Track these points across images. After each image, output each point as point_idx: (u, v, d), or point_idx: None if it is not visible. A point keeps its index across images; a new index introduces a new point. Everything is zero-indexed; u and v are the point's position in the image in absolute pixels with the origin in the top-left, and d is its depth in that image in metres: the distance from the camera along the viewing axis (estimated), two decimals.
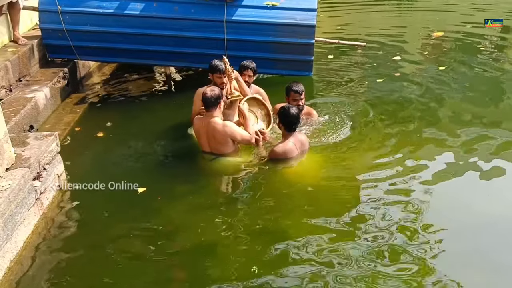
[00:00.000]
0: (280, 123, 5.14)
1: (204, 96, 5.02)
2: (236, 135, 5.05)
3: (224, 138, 5.05)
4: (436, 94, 6.90)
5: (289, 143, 5.06)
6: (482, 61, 8.25)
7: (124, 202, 4.72)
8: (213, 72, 5.54)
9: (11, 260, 3.85)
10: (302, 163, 5.10)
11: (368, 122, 6.01)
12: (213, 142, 5.10)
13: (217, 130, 5.02)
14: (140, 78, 8.04)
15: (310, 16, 6.79)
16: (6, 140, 4.17)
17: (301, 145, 5.14)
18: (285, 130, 5.10)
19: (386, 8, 12.81)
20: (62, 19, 6.79)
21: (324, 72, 7.95)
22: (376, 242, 3.97)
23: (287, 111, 5.05)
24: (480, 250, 3.93)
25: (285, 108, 5.09)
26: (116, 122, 6.34)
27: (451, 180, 4.89)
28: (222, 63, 5.40)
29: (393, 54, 8.78)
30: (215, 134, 5.04)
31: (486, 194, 4.69)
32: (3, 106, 5.52)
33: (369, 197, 4.59)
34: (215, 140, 5.08)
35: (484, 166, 5.06)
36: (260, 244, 4.06)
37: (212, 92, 5.00)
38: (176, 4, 6.80)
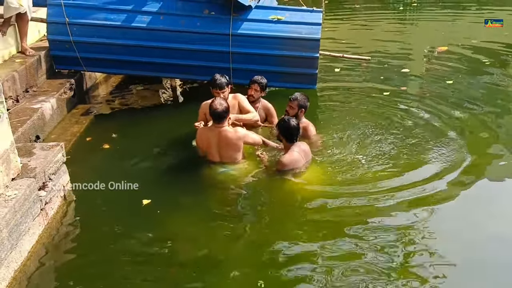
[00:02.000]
0: (280, 135, 5.16)
1: (214, 110, 5.09)
2: (248, 138, 5.20)
3: (237, 145, 5.15)
4: (444, 108, 6.88)
5: (295, 153, 5.08)
6: (488, 75, 8.26)
7: (129, 214, 4.74)
8: (212, 87, 5.60)
9: (16, 269, 3.87)
10: (307, 174, 5.11)
11: (372, 136, 6.00)
12: (225, 151, 5.16)
13: (230, 138, 5.12)
14: (145, 90, 8.08)
15: (315, 30, 6.85)
16: (12, 150, 4.21)
17: (305, 155, 5.17)
18: (287, 141, 5.13)
19: (390, 22, 12.90)
20: (70, 31, 6.86)
21: (330, 85, 7.99)
22: (382, 258, 3.96)
23: (287, 123, 5.09)
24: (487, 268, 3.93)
25: (285, 120, 5.13)
26: (122, 133, 6.38)
27: (458, 197, 4.85)
28: (223, 80, 5.48)
29: (399, 68, 8.84)
30: (228, 142, 5.13)
31: (494, 212, 4.65)
32: (10, 116, 5.56)
33: (377, 210, 4.60)
34: (228, 148, 5.15)
35: (494, 184, 5.08)
36: (267, 258, 4.07)
37: (221, 106, 5.09)
38: (183, 17, 6.87)
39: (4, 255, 3.71)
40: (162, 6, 6.93)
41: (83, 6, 6.91)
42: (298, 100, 5.64)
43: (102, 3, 6.93)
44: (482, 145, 5.85)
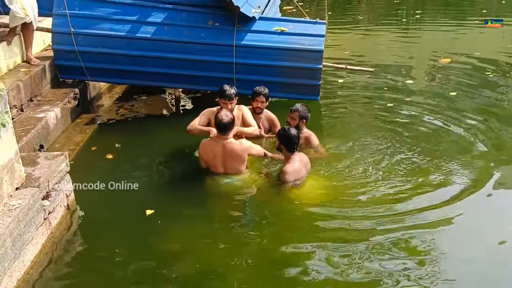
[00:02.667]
0: (280, 144, 5.16)
1: (220, 121, 5.12)
2: (252, 150, 5.24)
3: (242, 157, 5.19)
4: (450, 120, 6.87)
5: (296, 162, 5.10)
6: (492, 87, 8.25)
7: (132, 224, 4.76)
8: (221, 97, 5.62)
9: (18, 279, 3.88)
10: (311, 185, 5.11)
11: (377, 148, 6.01)
12: (230, 163, 5.19)
13: (236, 150, 5.15)
14: (149, 99, 8.11)
15: (318, 41, 6.88)
16: (17, 159, 4.23)
17: (305, 164, 5.20)
18: (287, 151, 5.14)
19: (393, 33, 12.94)
20: (75, 41, 6.90)
21: (333, 96, 8.03)
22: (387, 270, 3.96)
23: (287, 132, 5.12)
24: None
25: (285, 130, 5.17)
26: (125, 143, 6.40)
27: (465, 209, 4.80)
28: (232, 91, 5.51)
29: (402, 79, 8.86)
30: (233, 155, 5.16)
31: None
32: (15, 125, 5.56)
33: (381, 221, 4.59)
34: (233, 160, 5.18)
35: (501, 195, 5.06)
36: (269, 272, 4.05)
37: (227, 118, 5.12)
38: (187, 28, 6.91)
39: (7, 265, 3.71)
40: (167, 17, 6.96)
41: (88, 17, 6.95)
42: (299, 111, 5.68)
43: (107, 14, 6.97)
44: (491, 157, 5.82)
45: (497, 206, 4.91)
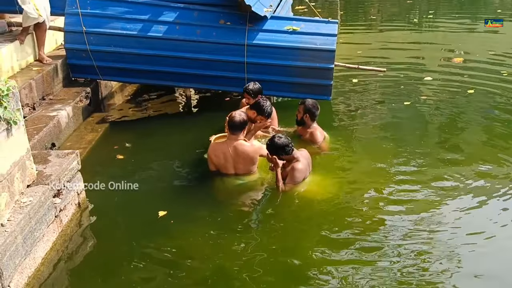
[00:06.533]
0: (273, 155, 4.94)
1: (232, 120, 5.09)
2: (262, 150, 5.17)
3: (254, 158, 5.16)
4: (466, 119, 6.82)
5: (299, 163, 5.02)
6: (506, 87, 8.15)
7: (144, 224, 4.73)
8: (258, 111, 5.52)
9: (29, 276, 3.89)
10: (322, 186, 5.09)
11: (388, 146, 5.99)
12: (241, 164, 5.16)
13: (247, 151, 5.13)
14: (160, 99, 8.13)
15: (330, 41, 6.84)
16: (28, 157, 4.25)
17: (308, 162, 5.13)
18: (285, 155, 4.97)
19: (406, 32, 12.87)
20: (87, 40, 6.92)
21: (347, 96, 7.98)
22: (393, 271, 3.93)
23: (273, 143, 4.91)
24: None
25: (270, 141, 4.96)
26: (136, 142, 6.42)
27: (475, 207, 4.77)
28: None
29: (416, 78, 8.79)
30: (245, 156, 5.13)
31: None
32: (27, 123, 5.60)
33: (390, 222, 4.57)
34: (244, 161, 5.16)
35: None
36: (281, 275, 4.01)
37: (240, 117, 5.11)
38: (198, 27, 6.91)
39: (19, 261, 3.73)
40: (178, 16, 6.96)
41: (100, 16, 6.97)
42: (305, 104, 5.70)
43: (119, 13, 6.99)
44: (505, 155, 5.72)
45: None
